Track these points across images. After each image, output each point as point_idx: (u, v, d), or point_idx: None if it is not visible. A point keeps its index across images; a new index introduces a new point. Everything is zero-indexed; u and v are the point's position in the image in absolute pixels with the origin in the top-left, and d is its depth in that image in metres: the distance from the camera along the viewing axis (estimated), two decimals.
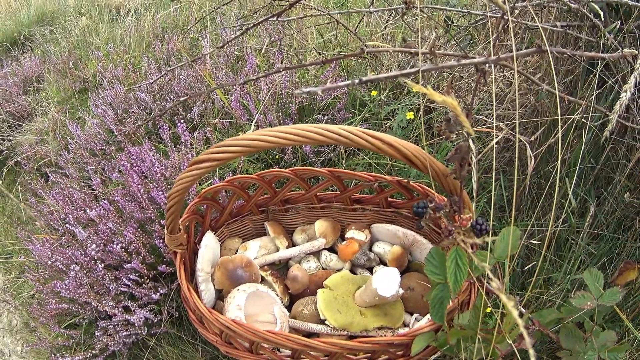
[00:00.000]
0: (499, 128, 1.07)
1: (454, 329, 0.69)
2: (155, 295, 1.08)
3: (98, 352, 1.08)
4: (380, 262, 1.11)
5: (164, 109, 1.41)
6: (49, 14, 3.04)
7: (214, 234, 1.07)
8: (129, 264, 1.09)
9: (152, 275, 1.12)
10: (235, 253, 1.10)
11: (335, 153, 1.38)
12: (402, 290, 0.95)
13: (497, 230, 1.14)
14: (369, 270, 1.10)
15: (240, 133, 1.45)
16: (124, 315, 1.07)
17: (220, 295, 1.03)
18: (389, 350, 0.78)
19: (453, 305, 0.74)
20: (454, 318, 0.73)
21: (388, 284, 0.90)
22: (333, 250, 1.13)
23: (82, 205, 1.28)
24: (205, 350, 1.12)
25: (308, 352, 0.80)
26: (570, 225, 1.07)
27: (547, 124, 1.11)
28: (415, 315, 0.96)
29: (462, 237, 0.60)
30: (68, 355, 1.06)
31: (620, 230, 1.06)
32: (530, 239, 1.06)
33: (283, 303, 1.01)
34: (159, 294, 1.09)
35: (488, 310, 0.76)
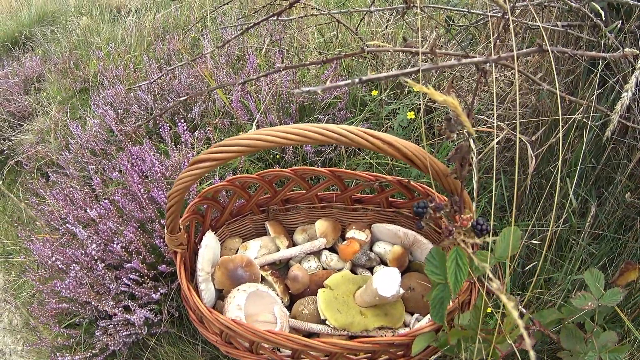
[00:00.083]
0: (500, 128, 1.07)
1: (455, 329, 0.69)
2: (156, 295, 1.08)
3: (98, 351, 1.08)
4: (381, 262, 1.11)
5: (165, 109, 1.41)
6: (50, 14, 3.05)
7: (215, 234, 1.07)
8: (129, 264, 1.09)
9: (152, 275, 1.12)
10: (236, 253, 1.10)
11: (336, 153, 1.38)
12: (402, 290, 0.95)
13: (497, 230, 1.13)
14: (370, 270, 1.10)
15: (241, 133, 1.45)
16: (124, 315, 1.07)
17: (221, 295, 1.03)
18: (390, 351, 0.78)
19: (453, 306, 0.74)
20: (455, 318, 0.73)
21: (388, 284, 0.90)
22: (333, 250, 1.13)
23: (82, 205, 1.28)
24: (206, 350, 1.12)
25: (308, 352, 0.80)
26: (571, 226, 1.07)
27: (548, 124, 1.11)
28: (416, 316, 0.96)
29: (462, 237, 0.60)
30: (68, 355, 1.06)
31: (621, 231, 1.06)
32: (531, 239, 1.06)
33: (283, 303, 1.01)
34: (159, 294, 1.09)
35: (488, 311, 0.76)
